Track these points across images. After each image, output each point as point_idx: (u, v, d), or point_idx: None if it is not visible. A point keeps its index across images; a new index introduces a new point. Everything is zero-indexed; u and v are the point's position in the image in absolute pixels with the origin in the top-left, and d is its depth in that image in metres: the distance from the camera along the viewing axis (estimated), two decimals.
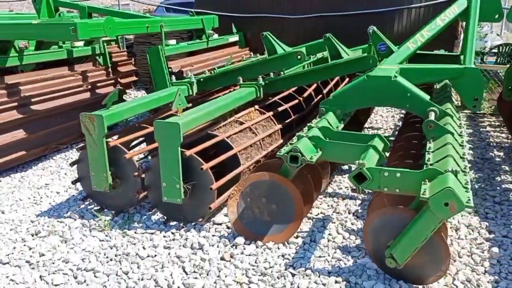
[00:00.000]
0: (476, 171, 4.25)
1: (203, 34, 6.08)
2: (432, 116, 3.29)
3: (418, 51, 4.94)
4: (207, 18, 6.15)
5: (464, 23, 4.65)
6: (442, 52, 4.97)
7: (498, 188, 3.87)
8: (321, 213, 3.45)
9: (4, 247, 3.05)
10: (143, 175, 3.29)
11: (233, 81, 4.25)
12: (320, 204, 3.60)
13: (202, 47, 6.03)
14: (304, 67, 4.65)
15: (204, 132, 3.56)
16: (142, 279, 2.66)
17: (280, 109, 4.38)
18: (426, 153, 2.87)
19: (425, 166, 2.59)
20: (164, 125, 3.05)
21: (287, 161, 2.84)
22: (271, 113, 4.21)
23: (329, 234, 3.14)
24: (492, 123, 5.83)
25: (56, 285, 2.62)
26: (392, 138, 3.95)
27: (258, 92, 4.13)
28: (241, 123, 3.84)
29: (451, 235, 3.11)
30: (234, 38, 6.86)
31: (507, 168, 4.32)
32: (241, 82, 4.20)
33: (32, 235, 3.20)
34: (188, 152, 3.11)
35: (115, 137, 3.55)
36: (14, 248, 3.04)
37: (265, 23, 7.06)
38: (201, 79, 4.35)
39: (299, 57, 4.16)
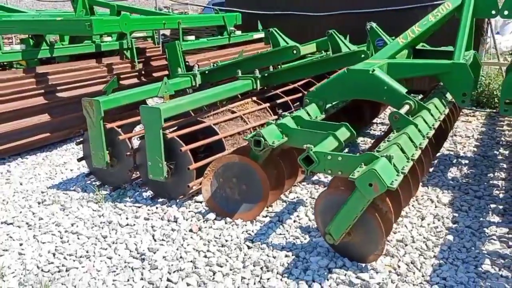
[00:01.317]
0: (471, 167, 4.25)
1: (224, 31, 6.41)
2: (405, 109, 3.42)
3: (427, 48, 5.02)
4: (229, 15, 6.48)
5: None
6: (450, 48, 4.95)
7: (485, 183, 3.88)
8: (297, 197, 3.66)
9: (13, 211, 3.53)
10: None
11: (233, 74, 4.53)
12: (301, 190, 3.80)
13: (223, 43, 6.35)
14: None
15: (193, 118, 3.88)
16: (115, 243, 3.02)
17: (279, 101, 4.62)
18: (383, 141, 3.02)
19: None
20: (148, 110, 3.40)
21: (252, 144, 3.10)
22: (268, 104, 4.45)
23: (297, 216, 3.35)
24: (511, 123, 5.71)
25: (43, 243, 3.04)
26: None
27: (254, 84, 4.39)
28: (233, 112, 4.12)
29: (415, 223, 3.22)
30: (259, 35, 7.12)
31: (504, 166, 4.28)
32: (240, 74, 4.48)
33: (38, 203, 3.67)
34: (169, 135, 3.45)
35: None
36: (21, 212, 3.51)
37: (290, 20, 7.27)
38: (206, 71, 4.68)
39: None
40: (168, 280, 2.62)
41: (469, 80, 3.72)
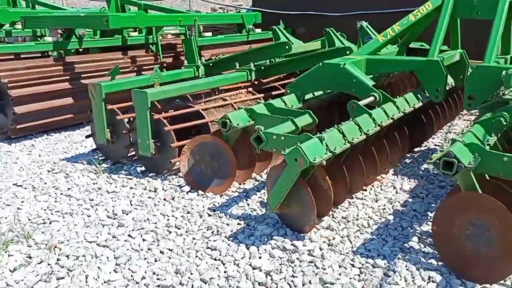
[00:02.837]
0: None
1: (243, 28, 6.82)
2: (369, 99, 3.67)
3: (425, 47, 5.17)
4: (248, 14, 6.88)
5: None
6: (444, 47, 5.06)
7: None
8: None
9: (25, 177, 4.13)
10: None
11: (233, 67, 4.92)
12: None
13: (240, 40, 6.76)
14: None
15: (185, 103, 4.32)
16: (97, 205, 3.52)
17: (275, 93, 4.96)
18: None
19: None
20: (137, 93, 3.87)
21: (220, 125, 3.48)
22: (262, 95, 4.81)
23: (263, 193, 3.69)
24: None
25: (39, 201, 3.59)
26: None
27: (249, 76, 4.77)
28: (224, 100, 4.51)
29: (367, 204, 3.45)
30: None
31: None
32: (238, 67, 4.87)
33: (48, 171, 4.25)
34: (156, 116, 3.91)
35: None
36: (31, 177, 4.10)
37: (311, 20, 7.56)
38: (210, 64, 5.11)
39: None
40: (129, 235, 3.07)
41: (441, 76, 3.89)
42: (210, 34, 6.51)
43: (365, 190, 3.71)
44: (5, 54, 5.47)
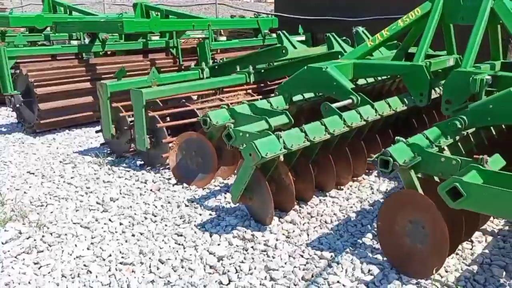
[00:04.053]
0: None
1: (259, 33, 7.08)
2: (347, 102, 3.83)
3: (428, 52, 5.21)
4: (264, 19, 7.12)
5: None
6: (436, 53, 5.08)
7: None
8: None
9: (39, 165, 4.59)
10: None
11: (234, 70, 5.18)
12: None
13: (256, 44, 7.02)
14: None
15: (181, 103, 4.63)
16: (91, 192, 3.89)
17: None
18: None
19: None
20: (134, 92, 4.22)
21: (201, 123, 3.76)
22: (260, 96, 5.04)
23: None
24: None
25: (43, 187, 4.01)
26: None
27: (248, 79, 5.02)
28: (221, 100, 4.78)
29: (337, 202, 3.61)
30: (299, 37, 7.65)
31: None
32: (238, 70, 5.13)
33: (60, 162, 4.69)
34: (151, 113, 4.24)
35: None
36: (43, 167, 4.56)
37: (330, 25, 7.67)
38: (215, 66, 5.40)
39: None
40: (109, 219, 3.40)
41: (425, 81, 3.97)
42: (224, 38, 6.82)
43: (341, 189, 3.86)
44: (36, 56, 6.05)
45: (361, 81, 4.82)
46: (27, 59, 6.08)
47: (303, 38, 7.79)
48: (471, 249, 2.92)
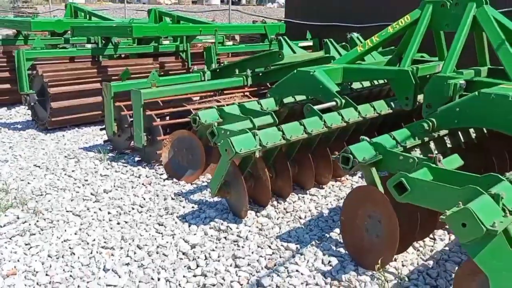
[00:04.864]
0: None
1: (266, 38, 7.29)
2: (331, 104, 4.00)
3: (425, 58, 5.33)
4: (271, 25, 7.33)
5: None
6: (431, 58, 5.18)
7: None
8: None
9: (45, 160, 4.91)
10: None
11: (233, 73, 5.41)
12: None
13: (262, 49, 7.24)
14: None
15: (180, 103, 4.87)
16: (88, 184, 4.16)
17: None
18: None
19: None
20: (134, 92, 4.49)
21: (191, 122, 3.98)
22: (257, 98, 5.24)
23: None
24: None
25: (46, 178, 4.31)
26: None
27: (245, 81, 5.23)
28: (218, 102, 5.01)
29: (314, 200, 3.77)
30: (307, 43, 7.82)
31: None
32: (237, 73, 5.35)
33: (65, 157, 5.00)
34: (148, 112, 4.49)
35: None
36: (49, 160, 4.87)
37: (336, 31, 7.83)
38: (217, 70, 5.64)
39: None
40: (99, 209, 3.66)
41: (410, 86, 4.10)
42: (231, 43, 7.06)
43: (322, 188, 4.01)
44: (53, 58, 6.44)
45: (356, 86, 4.98)
46: (45, 61, 6.48)
47: (310, 43, 7.96)
48: (432, 246, 3.04)
